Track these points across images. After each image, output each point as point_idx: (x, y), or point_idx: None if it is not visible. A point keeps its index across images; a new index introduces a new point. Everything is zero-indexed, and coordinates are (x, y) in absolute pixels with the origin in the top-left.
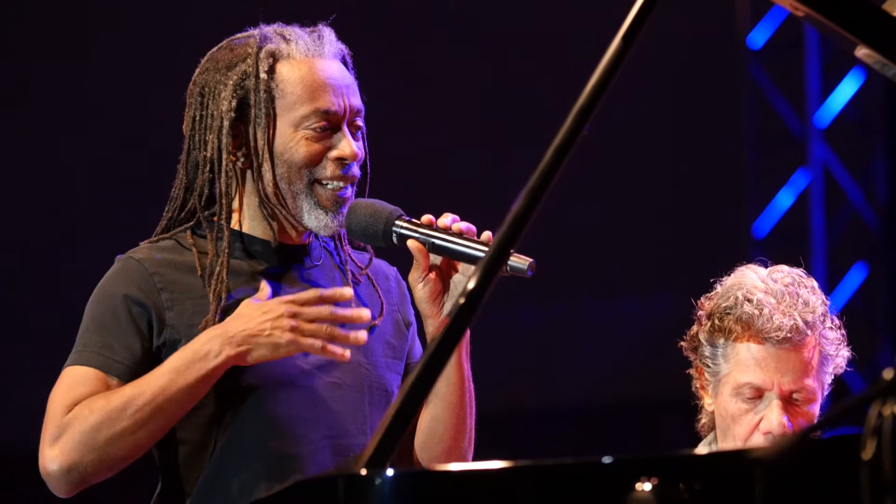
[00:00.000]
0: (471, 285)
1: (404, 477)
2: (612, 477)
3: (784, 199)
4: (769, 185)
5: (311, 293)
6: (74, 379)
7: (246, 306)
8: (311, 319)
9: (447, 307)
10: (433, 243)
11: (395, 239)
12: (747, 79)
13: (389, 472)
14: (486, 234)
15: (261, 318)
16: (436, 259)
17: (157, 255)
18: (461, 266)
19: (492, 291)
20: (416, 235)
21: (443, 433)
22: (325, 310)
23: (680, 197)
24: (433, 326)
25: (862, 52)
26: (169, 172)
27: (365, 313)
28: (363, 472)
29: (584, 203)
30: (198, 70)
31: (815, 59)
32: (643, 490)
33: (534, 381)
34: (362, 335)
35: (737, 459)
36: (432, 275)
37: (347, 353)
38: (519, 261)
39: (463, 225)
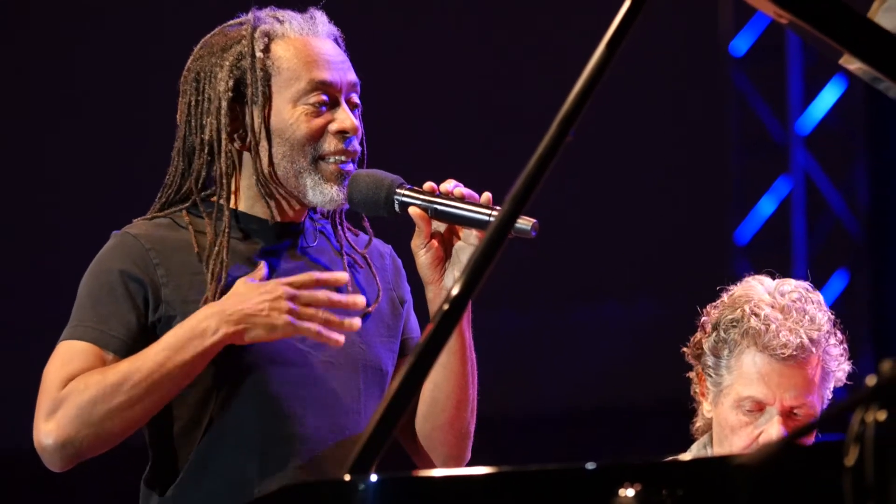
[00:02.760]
0: (455, 291)
1: (388, 482)
2: (596, 483)
3: (766, 206)
4: (751, 191)
5: (308, 276)
6: (70, 353)
7: (243, 285)
8: (308, 303)
9: (448, 274)
10: (435, 209)
11: (397, 207)
12: (730, 85)
13: (373, 477)
14: (486, 196)
15: (258, 297)
16: (438, 226)
17: (153, 231)
18: (463, 232)
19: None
20: (418, 202)
21: (445, 402)
22: (321, 294)
23: (663, 203)
24: (434, 292)
25: (845, 59)
26: (160, 167)
27: (360, 300)
28: (347, 477)
29: (568, 208)
30: (191, 57)
31: (797, 66)
32: (626, 496)
33: (517, 386)
34: (356, 322)
35: (720, 466)
36: (434, 241)
37: (342, 338)
38: (523, 222)
39: (465, 190)
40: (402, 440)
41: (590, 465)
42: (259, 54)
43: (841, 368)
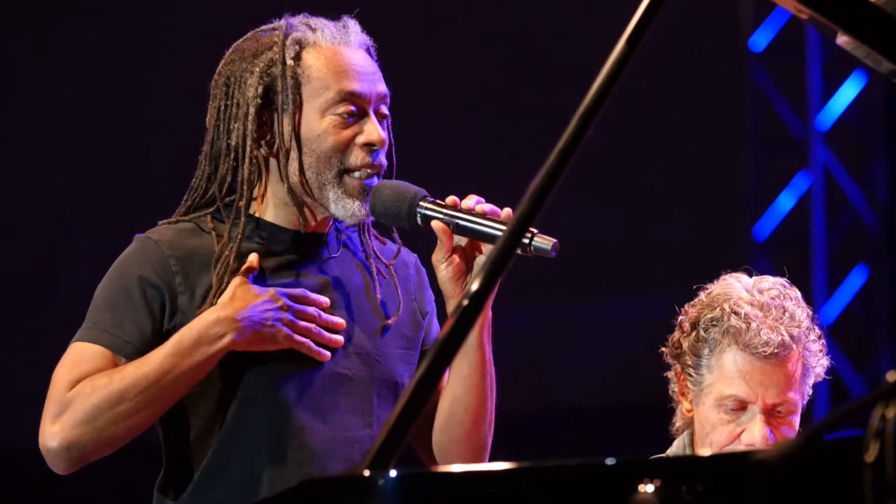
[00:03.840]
0: (474, 286)
1: (408, 478)
2: (615, 478)
3: (785, 202)
4: (770, 187)
5: (300, 292)
6: (81, 355)
7: (241, 288)
8: (303, 318)
9: (469, 285)
10: (457, 224)
11: (419, 220)
12: (749, 81)
13: (393, 473)
14: (507, 212)
15: (263, 306)
16: (460, 240)
17: (176, 237)
18: (485, 247)
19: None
20: (441, 216)
21: (463, 415)
22: (312, 311)
23: (681, 199)
24: (455, 307)
25: (845, 41)
26: (171, 173)
27: (340, 323)
28: (366, 473)
29: (584, 205)
30: (223, 61)
31: (816, 61)
32: (646, 491)
33: (529, 383)
34: (340, 339)
35: (739, 462)
36: (455, 255)
37: (328, 354)
38: (543, 241)
39: (487, 206)
40: (419, 451)
41: (609, 461)
42: (290, 62)
43: (820, 364)
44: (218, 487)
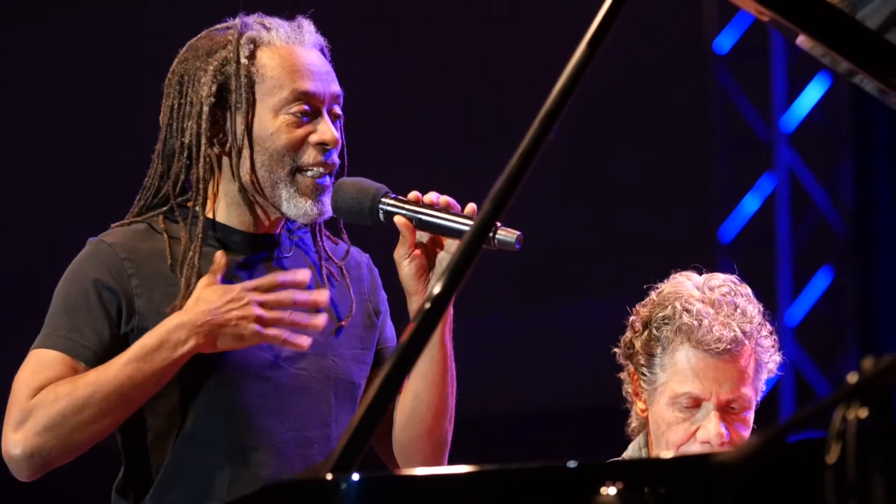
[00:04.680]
0: (437, 289)
1: (370, 481)
2: (578, 481)
3: (750, 204)
4: (735, 189)
5: (271, 278)
6: (41, 362)
7: (206, 290)
8: (273, 306)
9: (432, 285)
10: (420, 219)
11: (381, 216)
12: (714, 83)
13: (355, 476)
14: (470, 207)
15: (227, 306)
16: (422, 236)
17: (129, 239)
18: (447, 242)
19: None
20: (403, 212)
21: (425, 412)
22: (285, 296)
23: (647, 201)
24: (417, 303)
25: (802, 40)
26: (139, 171)
27: (323, 294)
28: (329, 476)
29: (552, 207)
30: (177, 60)
31: (781, 63)
32: (608, 494)
33: (503, 385)
34: (321, 319)
35: (701, 464)
36: (418, 251)
37: (307, 342)
38: (506, 234)
39: (449, 200)
40: (378, 449)
41: (571, 464)
42: (244, 61)
43: (773, 360)
44: (177, 489)
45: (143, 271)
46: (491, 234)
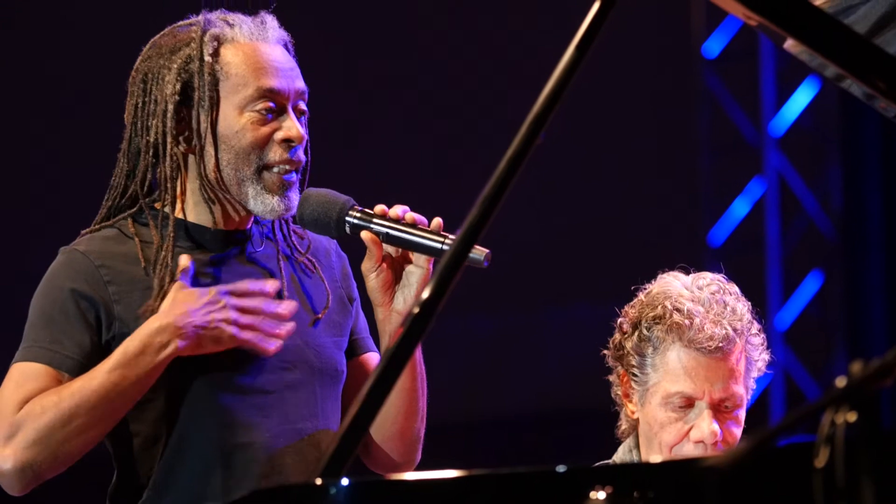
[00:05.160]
0: (425, 295)
1: (360, 486)
2: (567, 486)
3: (739, 208)
4: (724, 193)
5: (242, 285)
6: (24, 375)
7: (181, 292)
8: (247, 312)
9: (399, 297)
10: (387, 234)
11: (347, 229)
12: (702, 87)
13: (344, 481)
14: (437, 221)
15: (205, 308)
16: (388, 248)
17: (101, 246)
18: (414, 256)
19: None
20: (370, 226)
21: (396, 415)
22: (256, 303)
23: (635, 205)
24: (384, 314)
25: (791, 44)
26: (107, 175)
27: (288, 307)
28: (318, 481)
29: (539, 210)
30: (140, 57)
31: (769, 68)
32: (597, 498)
33: (488, 389)
34: (290, 326)
35: (690, 468)
36: (385, 264)
37: (275, 348)
38: (475, 252)
39: (415, 216)
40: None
41: (560, 468)
42: (208, 58)
43: (762, 358)
44: (171, 492)
45: (119, 277)
46: None
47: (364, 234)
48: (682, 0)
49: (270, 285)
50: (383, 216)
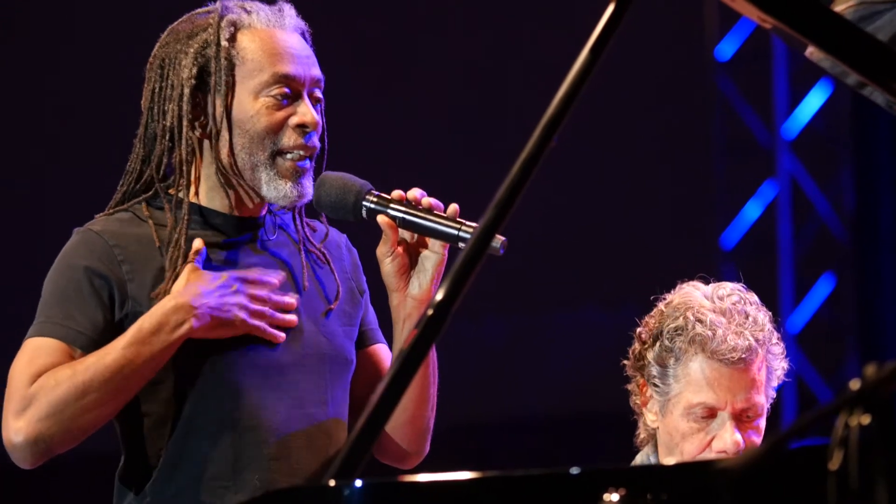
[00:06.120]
0: (438, 297)
1: (373, 487)
2: (580, 488)
3: (752, 211)
4: (737, 196)
5: (253, 273)
6: (37, 350)
7: (195, 274)
8: (257, 300)
9: (414, 282)
10: (404, 219)
11: (364, 213)
12: (715, 90)
13: (358, 483)
14: (453, 208)
15: (218, 292)
16: (404, 234)
17: (115, 227)
18: (429, 241)
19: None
20: (387, 211)
21: (407, 403)
22: (265, 293)
23: (648, 207)
24: (399, 300)
25: (812, 52)
26: (122, 164)
27: (291, 302)
28: (331, 483)
29: (552, 212)
30: (158, 44)
31: (782, 70)
32: (610, 500)
33: (498, 391)
34: (293, 318)
35: (704, 471)
36: (400, 249)
37: (283, 336)
38: (493, 239)
39: (432, 201)
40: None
41: (574, 470)
42: (224, 43)
43: (781, 366)
44: (181, 472)
45: (133, 256)
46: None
47: (380, 219)
48: (696, 2)
49: (276, 277)
50: (400, 201)
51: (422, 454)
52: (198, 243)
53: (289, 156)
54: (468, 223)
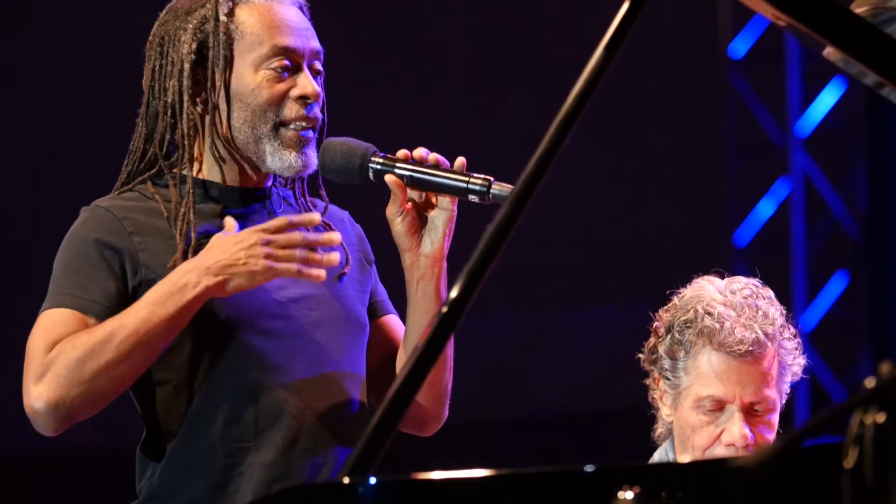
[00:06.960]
0: (453, 294)
1: (387, 485)
2: (594, 485)
3: (765, 209)
4: (750, 194)
5: (281, 220)
6: (52, 321)
7: (217, 239)
8: (284, 246)
9: (426, 240)
10: (411, 177)
11: (371, 175)
12: (728, 88)
13: (372, 480)
14: (460, 161)
15: (234, 248)
16: (412, 193)
17: (123, 203)
18: (438, 199)
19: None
20: (394, 170)
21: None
22: (296, 235)
23: (661, 205)
24: (411, 259)
25: (829, 52)
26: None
27: (336, 235)
28: (346, 480)
29: (564, 210)
30: (157, 22)
31: (795, 68)
32: (625, 498)
33: (511, 389)
34: (334, 256)
35: (718, 468)
36: (410, 206)
37: (323, 273)
38: (501, 188)
39: (438, 157)
40: (376, 402)
41: (588, 468)
42: (223, 18)
43: (797, 362)
44: (203, 436)
45: (143, 228)
46: (485, 190)
47: (388, 178)
48: (709, 0)
49: (315, 216)
50: (406, 160)
51: (441, 419)
52: (230, 222)
53: (292, 126)
54: (476, 175)
